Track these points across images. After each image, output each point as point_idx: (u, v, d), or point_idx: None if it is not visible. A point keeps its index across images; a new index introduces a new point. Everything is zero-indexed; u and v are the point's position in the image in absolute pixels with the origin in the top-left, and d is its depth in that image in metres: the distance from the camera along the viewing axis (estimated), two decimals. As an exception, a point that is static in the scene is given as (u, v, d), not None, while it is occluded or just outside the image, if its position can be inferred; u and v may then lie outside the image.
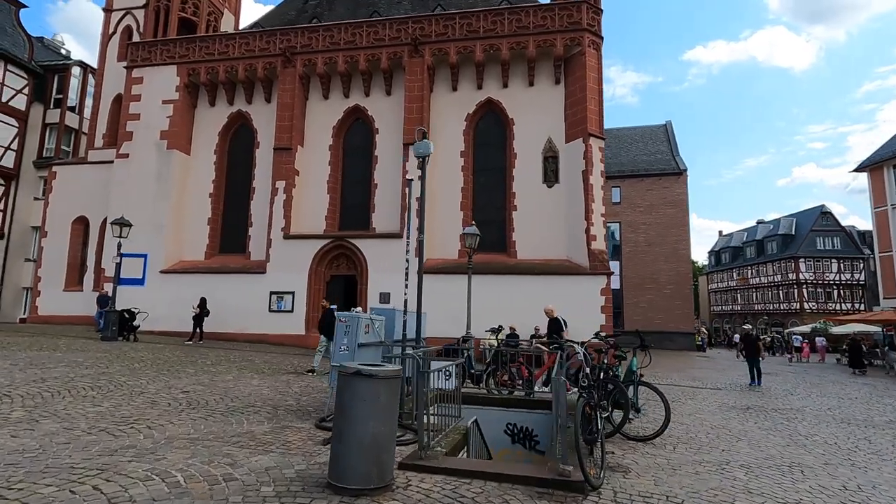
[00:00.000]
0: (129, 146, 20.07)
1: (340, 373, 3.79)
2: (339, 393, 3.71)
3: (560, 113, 17.98)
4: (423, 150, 7.16)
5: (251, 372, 10.17)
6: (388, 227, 18.08)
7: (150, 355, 11.59)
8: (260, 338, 17.67)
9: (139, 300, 16.00)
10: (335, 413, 3.76)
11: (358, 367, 3.68)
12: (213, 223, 19.96)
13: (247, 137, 20.43)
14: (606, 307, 16.05)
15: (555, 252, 17.27)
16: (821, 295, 54.41)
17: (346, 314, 6.08)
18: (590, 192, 16.77)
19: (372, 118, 19.22)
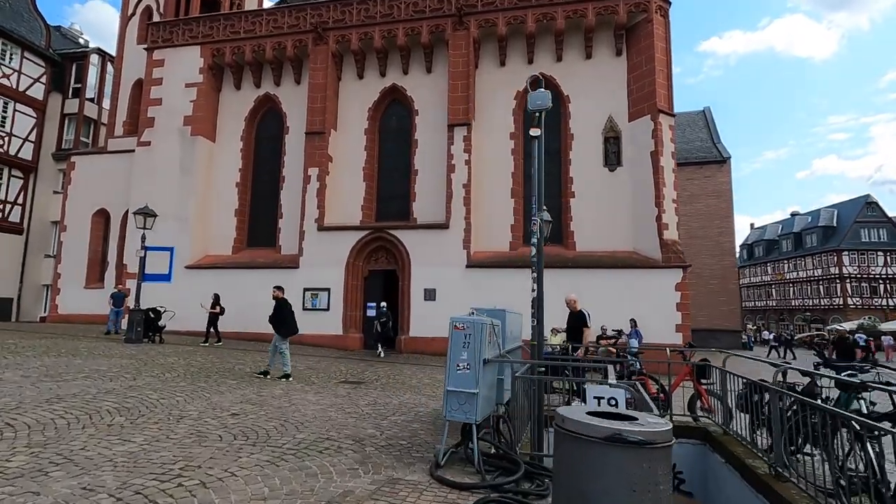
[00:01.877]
0: (150, 133, 18.75)
1: (572, 435, 2.15)
2: (570, 467, 2.08)
3: (622, 88, 16.15)
4: (541, 102, 5.49)
5: (301, 383, 8.65)
6: (432, 218, 16.46)
7: (180, 361, 10.16)
8: (294, 339, 16.10)
9: (163, 298, 14.64)
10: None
11: (614, 427, 2.04)
12: (240, 215, 18.55)
13: (275, 122, 18.97)
14: (683, 304, 14.25)
15: (619, 243, 15.50)
16: (865, 290, 51.62)
17: (464, 318, 4.45)
18: (660, 176, 14.94)
19: (411, 98, 17.59)
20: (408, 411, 6.61)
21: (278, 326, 9.24)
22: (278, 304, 9.48)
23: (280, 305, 9.44)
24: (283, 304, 9.46)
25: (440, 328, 15.18)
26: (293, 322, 9.45)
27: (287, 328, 9.31)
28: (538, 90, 5.61)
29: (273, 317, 9.36)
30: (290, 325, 9.39)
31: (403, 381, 9.53)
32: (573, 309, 8.18)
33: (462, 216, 15.92)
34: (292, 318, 9.44)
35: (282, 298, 9.58)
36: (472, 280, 15.51)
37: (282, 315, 9.29)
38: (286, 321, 9.29)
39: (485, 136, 16.73)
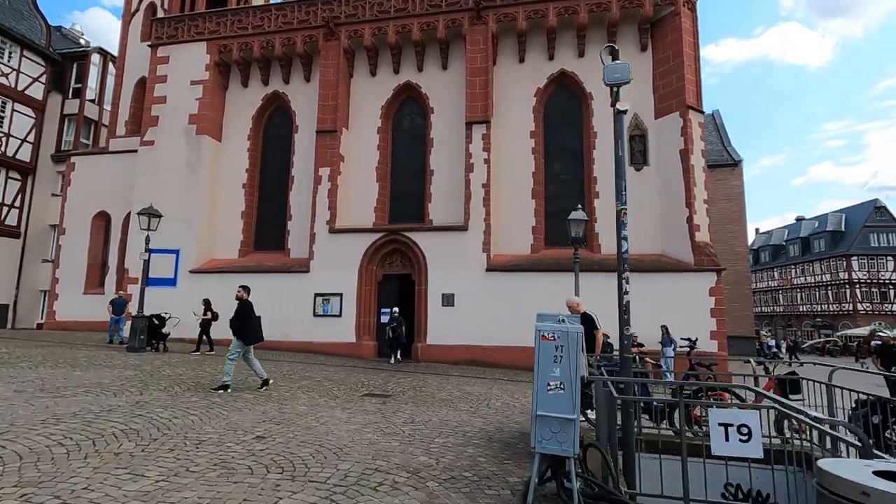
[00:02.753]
0: (154, 132, 18.02)
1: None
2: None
3: (647, 85, 15.48)
4: (620, 75, 4.76)
5: (322, 396, 7.86)
6: (448, 219, 15.72)
7: (188, 372, 9.37)
8: (304, 346, 15.42)
9: (166, 304, 13.85)
10: None
11: None
12: (247, 217, 17.80)
13: (284, 121, 18.26)
14: (718, 310, 13.50)
15: (647, 246, 14.76)
16: (875, 295, 50.94)
17: (552, 326, 3.67)
18: (690, 175, 14.24)
19: (426, 96, 16.91)
20: (453, 431, 5.83)
21: (241, 332, 8.06)
22: (242, 306, 8.28)
23: (244, 308, 8.27)
24: (247, 307, 8.29)
25: (459, 335, 14.45)
26: (258, 327, 8.38)
27: (251, 334, 8.20)
28: (615, 62, 4.88)
29: (234, 320, 8.18)
30: (255, 330, 8.28)
31: (433, 394, 8.75)
32: (576, 312, 7.23)
33: (481, 217, 15.18)
34: (258, 324, 8.39)
35: (246, 300, 8.41)
36: (493, 285, 14.75)
37: (245, 319, 8.16)
38: (250, 326, 8.19)
39: (503, 135, 16.03)
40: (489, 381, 11.23)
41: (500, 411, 7.36)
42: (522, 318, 14.40)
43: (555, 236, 15.78)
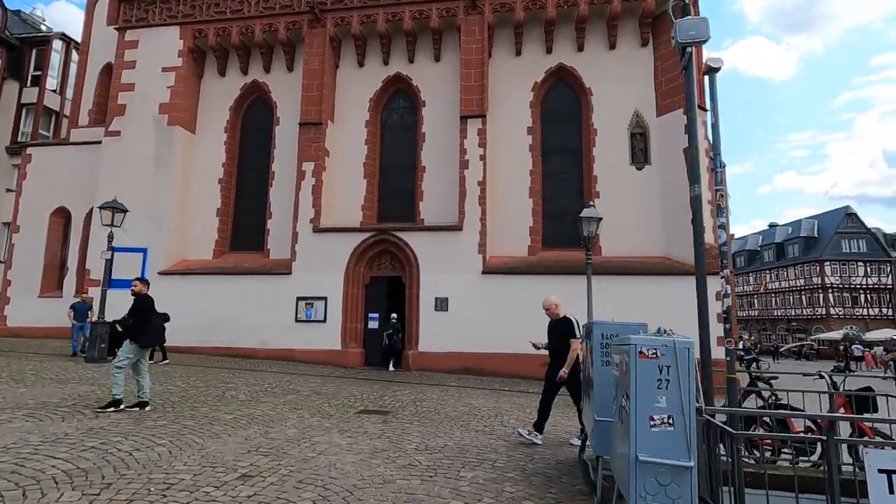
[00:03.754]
0: (120, 122, 16.59)
1: None
2: None
3: (649, 81, 14.94)
4: (695, 32, 3.92)
5: (314, 414, 6.83)
6: (441, 219, 14.82)
7: (155, 386, 8.17)
8: (285, 354, 14.25)
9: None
10: None
11: None
12: (223, 214, 16.51)
13: (264, 113, 17.07)
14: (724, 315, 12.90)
15: (649, 247, 14.16)
16: (847, 300, 52.33)
17: (653, 339, 2.76)
18: (695, 174, 13.69)
19: (417, 88, 16.00)
20: (478, 461, 4.91)
21: (136, 333, 6.51)
22: (139, 301, 6.71)
23: (142, 303, 6.68)
24: (146, 303, 6.73)
25: (453, 342, 13.45)
26: (160, 329, 6.89)
27: (147, 336, 6.62)
28: (686, 17, 4.08)
29: (128, 318, 6.64)
30: (153, 331, 6.71)
31: (436, 410, 7.81)
32: (554, 315, 6.10)
33: (477, 217, 14.33)
34: (158, 323, 6.86)
35: (144, 294, 6.82)
36: (489, 288, 13.90)
37: (143, 317, 6.58)
38: (148, 326, 6.61)
39: (499, 131, 15.24)
40: (492, 392, 10.35)
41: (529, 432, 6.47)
42: (521, 323, 13.55)
43: (553, 237, 15.06)
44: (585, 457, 4.94)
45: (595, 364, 3.75)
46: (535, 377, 13.66)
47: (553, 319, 6.17)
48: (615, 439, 3.00)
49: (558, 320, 6.09)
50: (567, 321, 5.95)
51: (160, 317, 6.86)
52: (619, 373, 2.90)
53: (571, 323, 5.91)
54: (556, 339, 6.00)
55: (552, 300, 6.17)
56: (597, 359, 3.76)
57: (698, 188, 4.22)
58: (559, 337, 5.95)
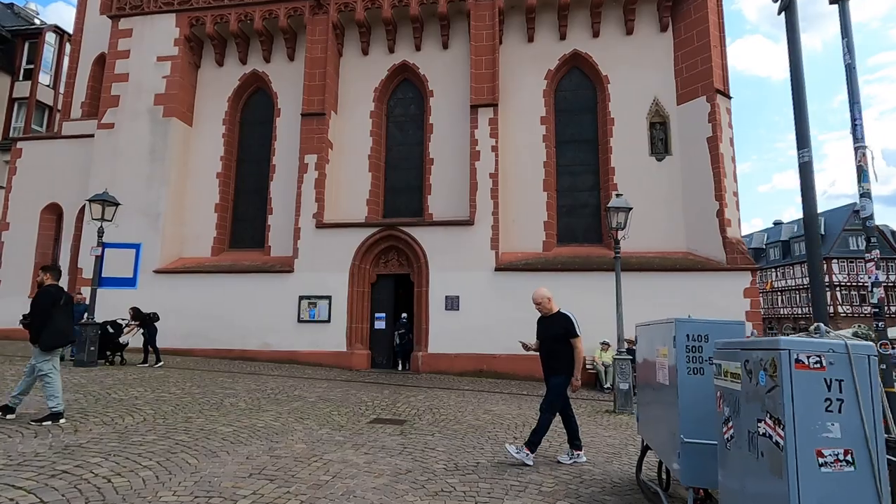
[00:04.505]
0: (114, 114, 15.85)
1: None
2: None
3: (668, 67, 14.22)
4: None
5: (322, 425, 6.11)
6: (449, 213, 14.10)
7: (147, 393, 7.46)
8: (288, 356, 13.52)
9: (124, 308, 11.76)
10: None
11: None
12: (222, 210, 15.78)
13: (264, 104, 16.34)
14: (754, 313, 12.24)
15: (670, 242, 13.44)
16: (855, 298, 51.76)
17: (816, 343, 2.02)
18: (720, 165, 12.99)
19: (424, 77, 15.27)
20: (522, 485, 4.19)
21: (38, 332, 5.38)
22: (41, 294, 5.57)
23: (45, 297, 5.50)
24: (49, 295, 5.52)
25: (465, 343, 12.65)
26: (65, 325, 5.62)
27: (52, 335, 5.40)
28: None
29: (30, 314, 5.59)
30: (59, 330, 5.48)
31: (456, 418, 7.09)
32: (546, 311, 5.21)
33: (489, 211, 13.61)
34: (65, 320, 5.64)
35: (51, 285, 5.66)
36: (502, 286, 13.17)
37: (41, 313, 5.42)
38: (52, 322, 5.41)
39: (511, 121, 14.53)
40: (512, 397, 9.62)
41: (553, 444, 5.75)
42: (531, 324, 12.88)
43: (568, 232, 14.36)
44: (645, 478, 4.22)
45: (680, 372, 3.03)
46: (553, 380, 12.97)
47: (544, 315, 5.28)
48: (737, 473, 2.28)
49: (552, 316, 5.21)
50: (565, 318, 5.12)
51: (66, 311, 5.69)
52: (746, 387, 2.18)
53: (570, 320, 5.11)
54: (552, 338, 5.13)
55: (543, 292, 5.29)
56: (681, 365, 3.03)
57: (807, 154, 3.47)
58: (556, 336, 5.10)
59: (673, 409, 3.11)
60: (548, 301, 5.23)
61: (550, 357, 5.14)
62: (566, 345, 5.03)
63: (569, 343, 5.04)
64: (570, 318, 5.10)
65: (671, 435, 3.15)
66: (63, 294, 5.73)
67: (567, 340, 5.04)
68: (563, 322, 5.07)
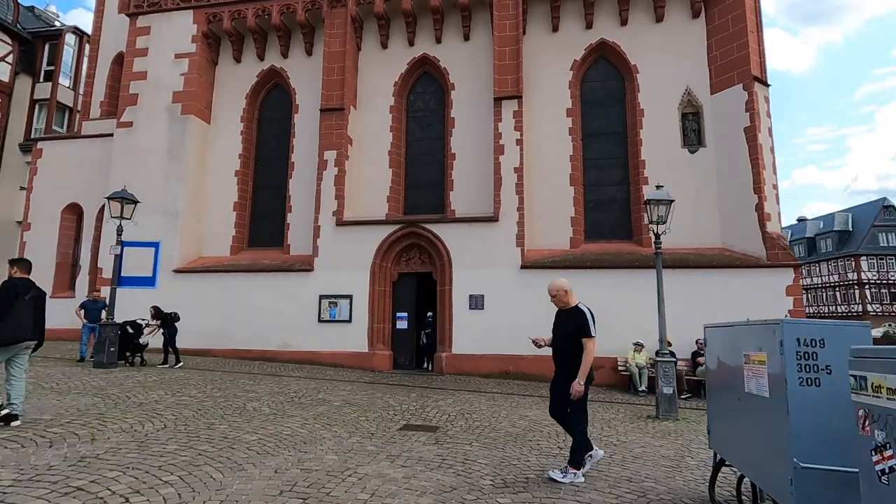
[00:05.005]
0: (133, 112, 15.74)
1: None
2: None
3: (701, 55, 13.58)
4: None
5: (352, 433, 5.72)
6: (472, 210, 13.67)
7: (167, 396, 7.16)
8: (309, 357, 13.22)
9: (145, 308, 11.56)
10: None
11: None
12: (240, 209, 15.56)
13: (283, 100, 16.09)
14: (797, 312, 11.56)
15: (705, 238, 12.82)
16: (885, 296, 50.05)
17: None
18: (759, 157, 12.33)
19: (445, 70, 14.85)
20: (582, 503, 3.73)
21: None
22: (4, 286, 5.29)
23: (8, 289, 5.24)
24: (13, 288, 5.26)
25: (490, 343, 12.11)
26: (24, 320, 5.21)
27: (9, 329, 5.09)
28: None
29: None
30: (16, 324, 5.14)
31: (491, 425, 6.65)
32: (563, 304, 4.59)
33: (514, 207, 13.13)
34: (26, 314, 5.25)
35: (18, 278, 5.44)
36: (528, 284, 12.67)
37: (5, 305, 5.10)
38: (10, 316, 5.11)
39: (536, 114, 14.02)
40: (543, 401, 9.12)
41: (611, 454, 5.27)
42: (563, 322, 12.39)
43: (596, 229, 13.82)
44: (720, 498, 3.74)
45: (790, 383, 2.55)
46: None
47: (561, 309, 4.64)
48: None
49: (568, 311, 4.54)
50: (579, 313, 4.42)
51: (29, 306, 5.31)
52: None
53: (585, 316, 4.38)
54: (564, 335, 4.48)
55: (560, 283, 4.61)
56: (791, 374, 2.56)
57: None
58: (567, 333, 4.44)
59: (776, 425, 2.63)
60: (564, 294, 4.59)
61: (561, 357, 4.53)
62: (578, 344, 4.35)
63: (579, 341, 4.35)
64: (585, 315, 4.40)
65: (774, 456, 2.68)
66: (32, 288, 5.38)
67: (579, 340, 4.36)
68: (578, 318, 4.39)
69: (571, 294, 4.63)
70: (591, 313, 4.43)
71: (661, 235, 8.79)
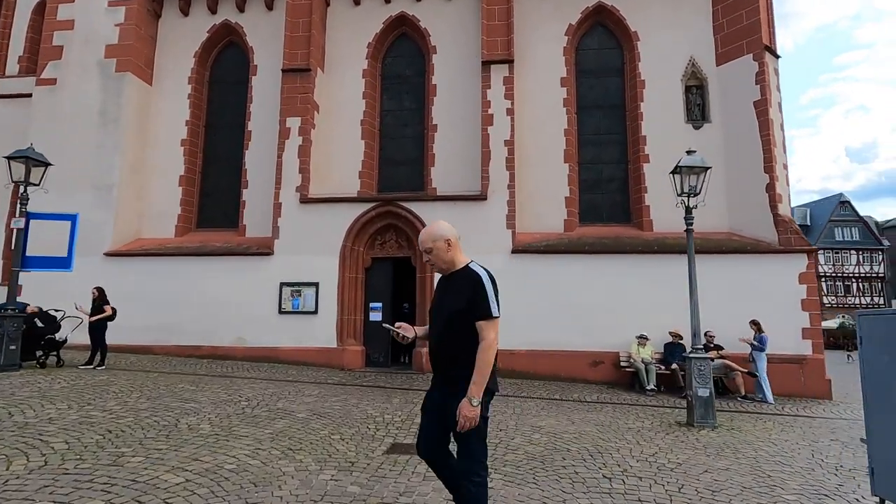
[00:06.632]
0: (57, 68, 13.34)
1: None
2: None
3: (706, 23, 12.49)
4: None
5: (323, 461, 4.15)
6: (457, 187, 12.17)
7: (69, 412, 5.36)
8: (268, 354, 11.43)
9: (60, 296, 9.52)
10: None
11: None
12: (187, 183, 13.47)
13: (238, 60, 14.03)
14: (811, 301, 10.66)
15: (709, 221, 11.71)
16: (840, 288, 52.08)
17: None
18: (770, 133, 11.35)
19: (426, 31, 13.21)
20: None
21: None
22: None
23: None
24: None
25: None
26: None
27: None
28: None
29: None
30: None
31: (503, 441, 5.23)
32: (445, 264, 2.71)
33: (504, 184, 11.73)
34: None
35: None
36: (520, 271, 11.33)
37: None
38: None
39: (527, 84, 12.62)
40: (548, 404, 7.80)
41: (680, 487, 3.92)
42: (560, 314, 11.08)
43: (592, 210, 12.60)
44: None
45: None
46: (584, 379, 11.25)
47: (444, 275, 2.75)
48: None
49: (452, 276, 2.69)
50: (472, 279, 2.57)
51: None
52: None
53: (481, 282, 2.54)
54: (446, 318, 2.61)
55: (439, 229, 2.69)
56: None
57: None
58: (451, 315, 2.57)
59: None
60: (445, 245, 2.63)
61: (442, 355, 2.67)
62: (469, 332, 2.50)
63: (472, 328, 2.49)
64: (481, 281, 2.53)
65: None
66: None
67: (471, 323, 2.49)
68: (469, 288, 2.53)
69: (458, 248, 2.70)
70: (491, 279, 2.58)
71: (692, 210, 7.54)
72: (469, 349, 2.47)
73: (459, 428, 2.42)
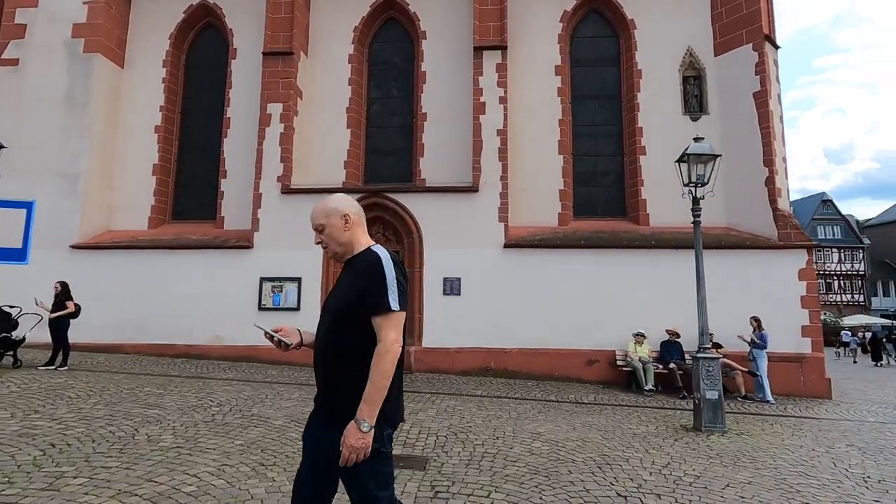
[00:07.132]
0: (19, 47, 12.46)
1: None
2: None
3: (705, 12, 12.12)
4: None
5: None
6: (447, 179, 11.64)
7: (13, 422, 4.73)
8: (246, 353, 10.79)
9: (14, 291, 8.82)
10: None
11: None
12: (161, 172, 12.72)
13: (216, 43, 13.28)
14: (810, 298, 10.38)
15: (706, 215, 10.89)
16: (821, 286, 52.73)
17: None
18: (769, 125, 11.03)
19: (415, 16, 12.63)
20: None
21: None
22: None
23: None
24: None
25: (469, 335, 9.39)
26: None
27: None
28: None
29: None
30: None
31: (501, 451, 4.74)
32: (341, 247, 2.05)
33: (497, 176, 11.24)
34: None
35: None
36: (513, 266, 10.90)
37: None
38: None
39: (520, 72, 12.13)
40: (544, 406, 7.34)
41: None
42: (554, 311, 10.65)
43: (587, 204, 12.19)
44: None
45: None
46: (579, 379, 10.83)
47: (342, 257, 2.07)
48: None
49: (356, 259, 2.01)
50: (370, 262, 1.92)
51: None
52: None
53: (378, 262, 1.91)
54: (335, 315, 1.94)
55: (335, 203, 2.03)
56: None
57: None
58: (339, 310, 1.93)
59: None
60: (341, 222, 2.00)
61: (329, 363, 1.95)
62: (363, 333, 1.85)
63: (368, 328, 1.84)
64: (379, 262, 1.91)
65: None
66: None
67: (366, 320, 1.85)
68: (365, 275, 1.90)
69: (360, 226, 2.08)
70: (395, 262, 1.95)
71: (699, 200, 7.13)
72: (362, 356, 1.79)
73: (342, 462, 1.70)
